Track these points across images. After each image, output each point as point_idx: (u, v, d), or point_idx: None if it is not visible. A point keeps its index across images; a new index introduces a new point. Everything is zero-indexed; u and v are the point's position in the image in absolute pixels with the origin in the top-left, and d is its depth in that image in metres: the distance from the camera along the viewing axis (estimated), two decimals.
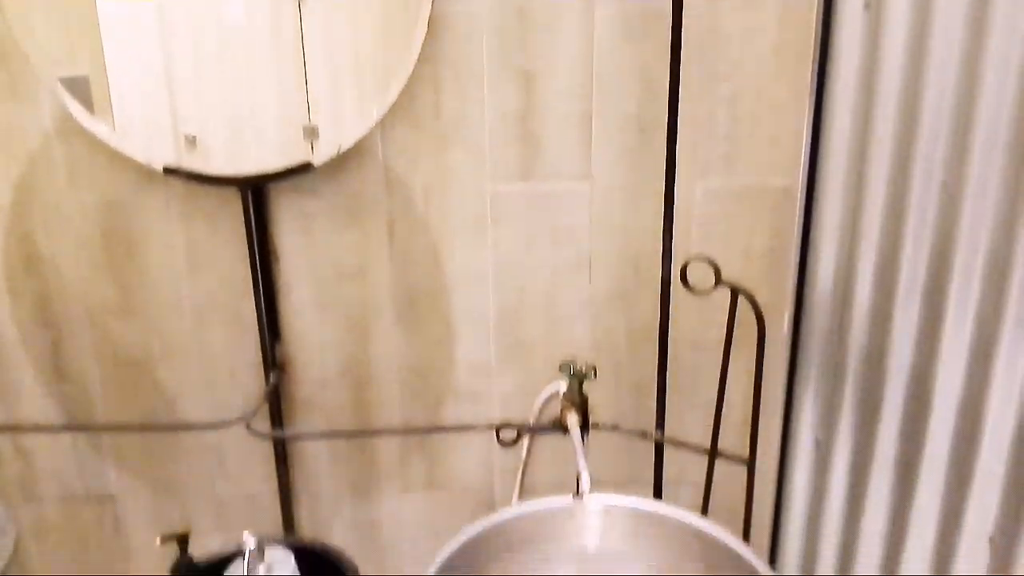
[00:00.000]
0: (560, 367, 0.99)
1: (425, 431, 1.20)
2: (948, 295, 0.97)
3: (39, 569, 1.29)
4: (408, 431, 1.20)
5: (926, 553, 1.03)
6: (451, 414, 1.23)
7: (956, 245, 0.94)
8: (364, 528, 1.28)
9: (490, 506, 1.28)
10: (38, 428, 1.18)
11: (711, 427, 1.09)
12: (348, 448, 1.25)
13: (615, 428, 1.04)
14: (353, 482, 1.27)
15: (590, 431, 1.01)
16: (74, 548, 1.29)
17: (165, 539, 0.94)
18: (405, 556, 1.31)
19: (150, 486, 1.26)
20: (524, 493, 1.24)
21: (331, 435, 1.20)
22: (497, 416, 1.21)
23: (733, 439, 1.17)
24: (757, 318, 0.94)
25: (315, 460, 1.25)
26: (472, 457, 1.26)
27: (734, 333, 1.00)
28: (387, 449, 1.25)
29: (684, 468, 1.25)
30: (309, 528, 1.28)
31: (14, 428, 1.17)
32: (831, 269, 1.13)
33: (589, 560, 0.98)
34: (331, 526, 1.28)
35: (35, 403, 1.21)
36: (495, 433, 1.02)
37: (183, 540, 0.94)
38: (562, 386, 1.09)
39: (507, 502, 1.26)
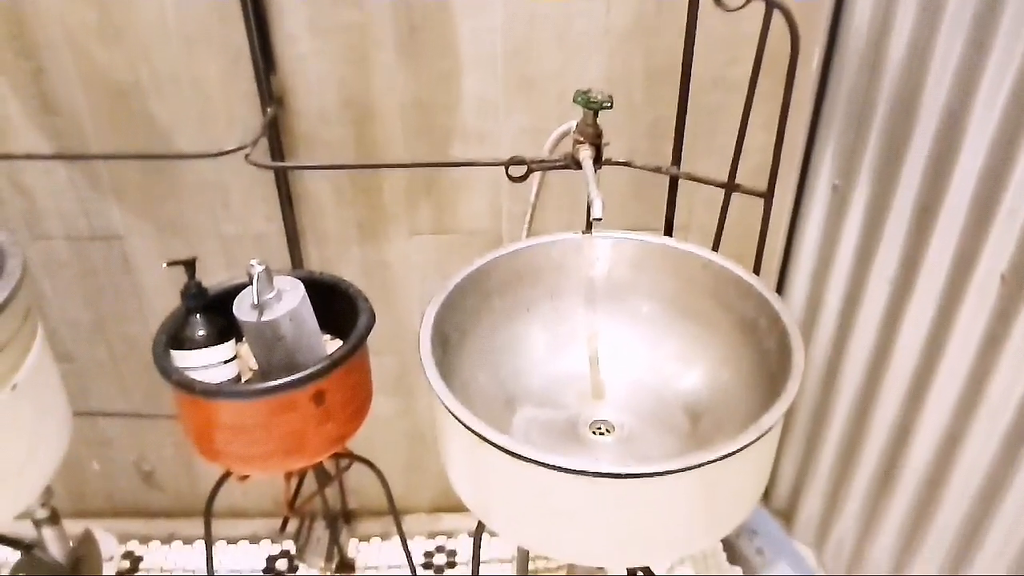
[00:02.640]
0: (574, 96, 0.93)
1: (432, 165, 1.16)
2: (996, 31, 0.88)
3: (54, 305, 1.32)
4: (415, 165, 1.16)
5: (935, 296, 1.03)
6: (458, 156, 1.19)
7: None
8: (373, 269, 1.29)
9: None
10: (29, 156, 1.14)
11: (726, 171, 1.05)
12: (353, 190, 1.22)
13: (628, 164, 1.00)
14: (360, 224, 1.25)
15: (602, 167, 0.97)
16: (85, 286, 1.31)
17: (172, 263, 0.93)
18: (413, 297, 1.33)
19: (155, 226, 1.25)
20: (532, 237, 1.23)
21: (333, 167, 1.16)
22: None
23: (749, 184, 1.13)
24: (792, 35, 0.86)
25: (320, 201, 1.23)
26: (480, 200, 1.23)
27: (762, 63, 0.93)
28: (393, 192, 1.22)
29: (694, 213, 1.23)
30: (317, 268, 1.28)
31: (5, 156, 1.14)
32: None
33: (596, 292, 0.99)
34: (339, 267, 1.28)
35: (26, 137, 1.16)
36: (504, 169, 0.98)
37: (190, 265, 0.94)
38: (575, 123, 1.04)
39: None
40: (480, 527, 1.03)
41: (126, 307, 1.33)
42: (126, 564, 1.50)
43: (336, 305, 1.03)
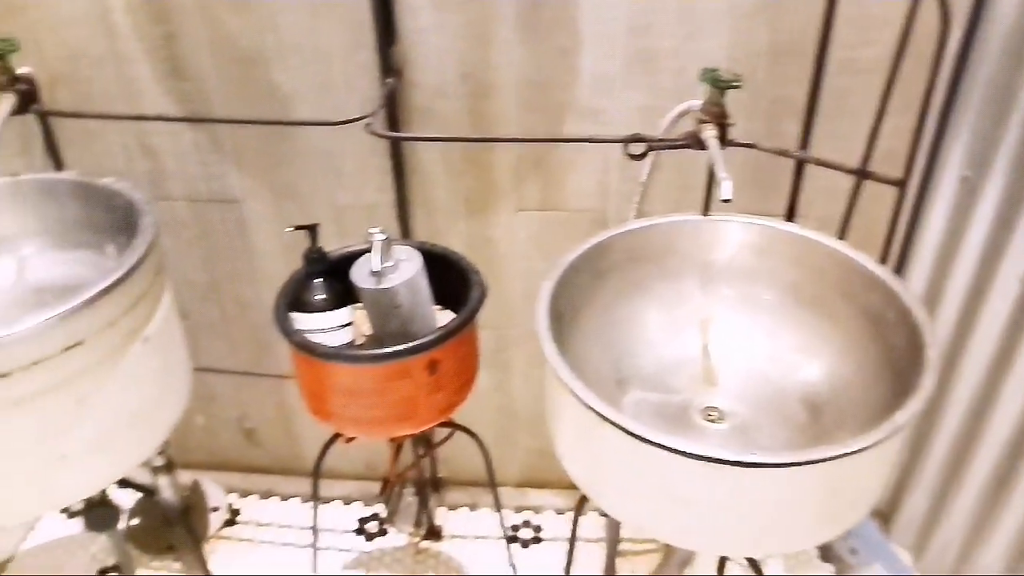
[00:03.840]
0: (701, 74, 0.91)
1: (551, 141, 1.15)
2: None
3: (173, 264, 1.37)
4: (534, 140, 1.15)
5: None
6: (571, 133, 1.18)
7: None
8: (477, 242, 1.30)
9: (604, 229, 1.26)
10: (160, 118, 1.19)
11: (848, 156, 1.01)
12: (464, 163, 1.23)
13: (752, 146, 0.98)
14: (468, 198, 1.26)
15: (724, 149, 0.94)
16: (202, 247, 1.36)
17: (296, 228, 0.96)
18: (515, 273, 1.33)
19: (271, 191, 1.28)
20: (640, 217, 1.22)
21: (453, 140, 1.17)
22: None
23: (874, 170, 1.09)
24: (943, 17, 0.82)
25: (431, 174, 1.24)
26: (589, 178, 1.22)
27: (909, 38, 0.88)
28: (503, 166, 1.23)
29: (813, 201, 1.19)
30: (424, 239, 1.30)
31: (137, 117, 1.18)
32: None
33: (714, 276, 0.97)
34: (445, 240, 1.29)
35: (155, 101, 1.21)
36: (623, 147, 0.97)
37: (312, 230, 0.96)
38: (695, 103, 1.02)
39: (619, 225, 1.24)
40: (580, 505, 1.03)
41: (239, 269, 1.38)
42: (226, 516, 1.56)
43: (445, 276, 1.04)
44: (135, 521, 1.22)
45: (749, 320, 0.95)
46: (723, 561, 1.35)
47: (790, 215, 1.04)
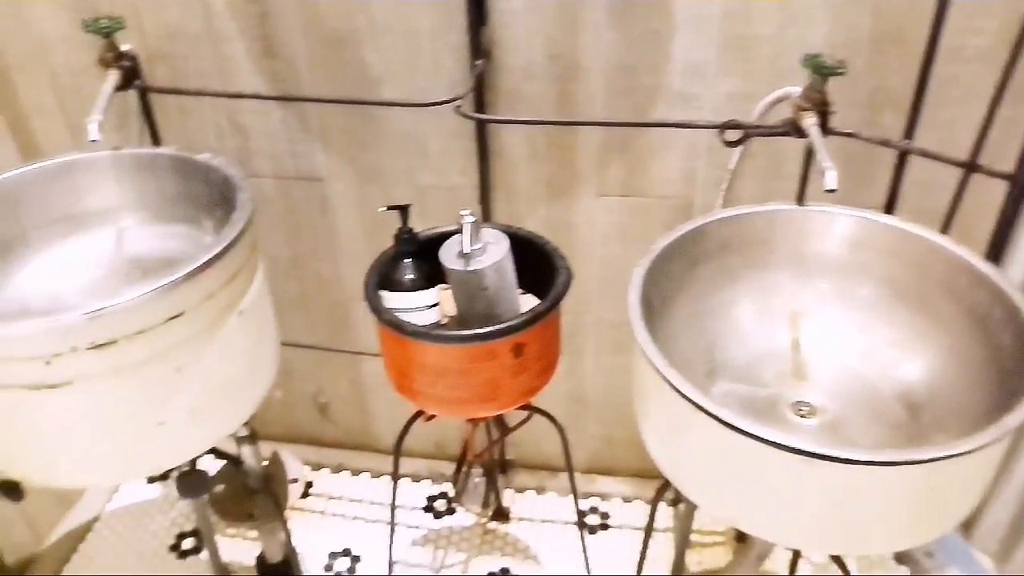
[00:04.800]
0: (803, 59, 0.89)
1: (645, 126, 1.14)
2: None
3: (260, 238, 1.39)
4: (625, 124, 1.14)
5: None
6: (660, 117, 1.16)
7: None
8: (557, 228, 1.29)
9: (687, 217, 1.24)
10: (254, 96, 1.21)
11: (951, 147, 0.98)
12: (548, 147, 1.22)
13: (853, 135, 0.95)
14: (549, 182, 1.26)
15: (824, 138, 0.92)
16: (286, 224, 1.38)
17: (389, 208, 0.97)
18: (594, 259, 1.32)
19: (355, 171, 1.30)
20: (727, 205, 1.20)
21: (544, 123, 1.17)
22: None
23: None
24: None
25: (514, 157, 1.24)
26: (674, 165, 1.21)
27: None
28: (586, 151, 1.22)
29: (907, 194, 1.16)
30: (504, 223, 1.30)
31: (234, 95, 1.21)
32: None
33: (808, 268, 0.95)
34: (525, 224, 1.29)
35: (247, 79, 1.23)
36: (719, 133, 0.95)
37: (404, 210, 0.97)
38: (794, 89, 0.99)
39: (705, 214, 1.22)
40: (658, 495, 1.03)
41: (320, 247, 1.40)
42: (303, 487, 1.60)
43: (527, 260, 1.04)
44: (218, 489, 1.25)
45: (845, 315, 0.92)
46: (796, 558, 1.34)
47: (889, 207, 1.01)
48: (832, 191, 0.79)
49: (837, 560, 0.90)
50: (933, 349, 0.86)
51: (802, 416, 0.88)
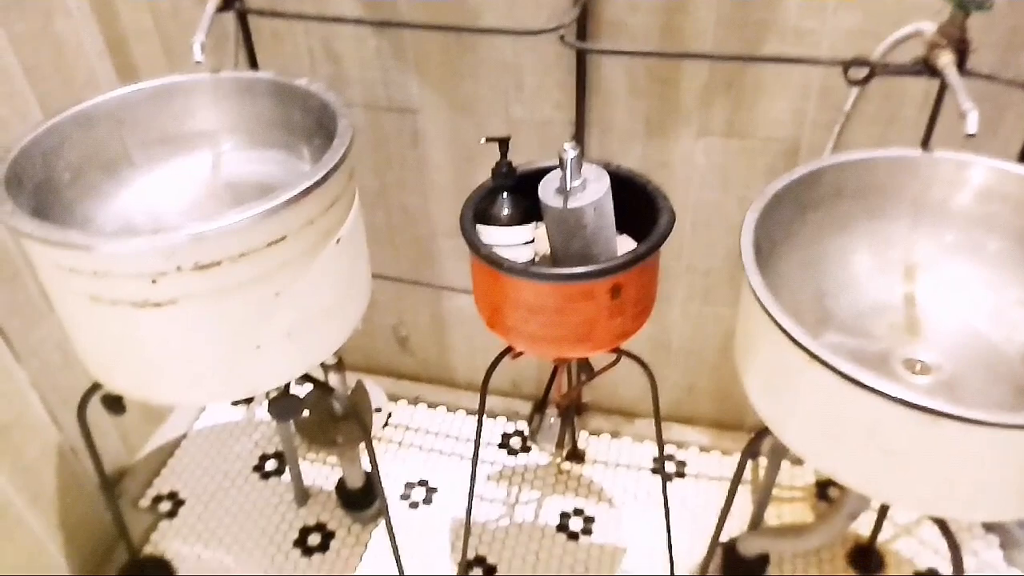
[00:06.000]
0: None
1: (758, 60, 1.08)
2: None
3: None
4: (736, 58, 1.08)
5: None
6: (771, 53, 1.10)
7: None
8: (652, 168, 1.25)
9: (792, 162, 1.19)
10: (357, 21, 1.19)
11: None
12: (649, 80, 1.17)
13: (992, 78, 0.88)
14: (648, 119, 1.21)
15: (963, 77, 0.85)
16: (376, 155, 1.37)
17: (489, 139, 0.94)
18: (689, 202, 1.28)
19: (448, 103, 1.27)
20: (837, 150, 1.13)
21: (647, 54, 1.11)
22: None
23: None
24: None
25: (613, 91, 1.19)
26: (783, 105, 1.15)
27: None
28: (690, 87, 1.16)
29: None
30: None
31: (334, 19, 1.19)
32: None
33: (928, 218, 0.89)
34: (619, 161, 1.25)
35: (342, 4, 1.21)
36: (843, 70, 0.89)
37: (504, 143, 0.95)
38: (926, 25, 0.92)
39: (813, 158, 1.16)
40: (750, 445, 1.00)
41: (408, 178, 1.39)
42: (386, 417, 1.63)
43: (624, 200, 1.00)
44: (305, 414, 1.28)
45: (969, 270, 0.87)
46: (881, 520, 1.30)
47: (1023, 155, 0.94)
48: (972, 136, 0.74)
49: (941, 526, 0.86)
50: None
51: (915, 373, 0.84)
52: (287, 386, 1.05)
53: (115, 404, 1.05)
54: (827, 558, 1.35)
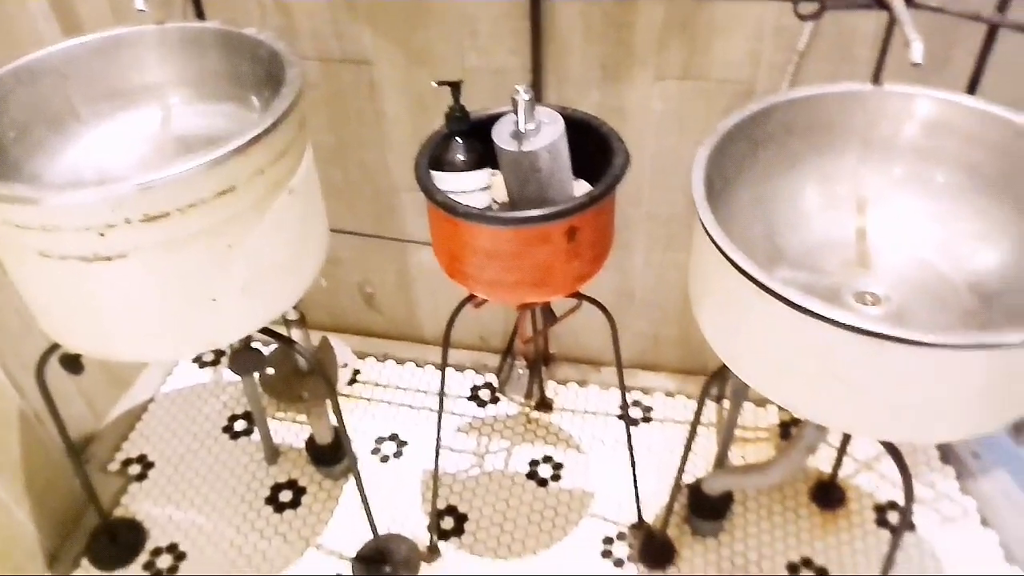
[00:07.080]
0: None
1: None
2: None
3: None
4: None
5: None
6: None
7: None
8: (609, 114, 1.23)
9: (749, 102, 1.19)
10: None
11: None
12: (603, 25, 1.16)
13: (941, 11, 0.88)
14: (604, 64, 1.20)
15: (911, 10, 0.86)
16: (331, 109, 1.35)
17: (440, 83, 0.93)
18: (648, 149, 1.28)
19: (403, 53, 1.26)
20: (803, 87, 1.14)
21: None
22: None
23: None
24: None
25: (568, 37, 1.18)
26: (739, 45, 1.14)
27: None
28: (646, 29, 1.16)
29: (992, 79, 1.08)
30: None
31: None
32: None
33: (878, 153, 0.90)
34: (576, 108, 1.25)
35: None
36: (793, 5, 0.89)
37: (456, 86, 0.94)
38: None
39: None
40: (707, 386, 1.02)
41: (365, 133, 1.37)
42: (352, 372, 1.63)
43: (580, 145, 1.00)
44: (269, 370, 1.27)
45: (917, 203, 0.88)
46: (841, 455, 1.33)
47: (971, 88, 0.95)
48: (917, 64, 0.74)
49: (894, 454, 0.89)
50: (1012, 239, 0.82)
51: (866, 305, 0.85)
52: (247, 340, 1.04)
53: (73, 363, 1.04)
54: (790, 494, 1.38)
